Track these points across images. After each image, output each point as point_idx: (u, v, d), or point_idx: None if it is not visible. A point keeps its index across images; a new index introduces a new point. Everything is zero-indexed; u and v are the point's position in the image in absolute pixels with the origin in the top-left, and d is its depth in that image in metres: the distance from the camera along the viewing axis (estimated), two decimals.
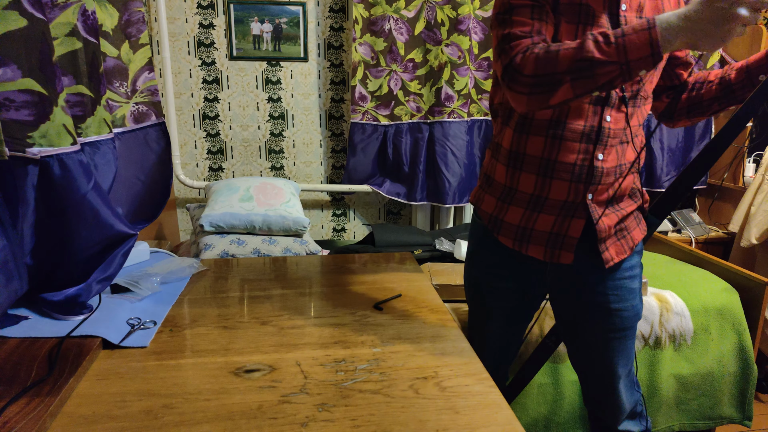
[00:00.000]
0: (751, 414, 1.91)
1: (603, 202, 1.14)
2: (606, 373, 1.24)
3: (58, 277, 1.17)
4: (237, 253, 1.94)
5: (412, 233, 2.18)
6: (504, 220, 1.19)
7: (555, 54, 0.93)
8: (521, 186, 1.15)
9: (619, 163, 1.12)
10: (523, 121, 1.12)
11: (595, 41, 0.91)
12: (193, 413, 0.84)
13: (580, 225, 1.13)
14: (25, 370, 0.92)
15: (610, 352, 1.22)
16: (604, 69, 0.91)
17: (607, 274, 1.17)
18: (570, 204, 1.12)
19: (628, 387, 1.28)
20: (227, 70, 2.65)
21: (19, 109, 0.98)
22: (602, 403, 1.29)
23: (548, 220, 1.14)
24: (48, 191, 1.06)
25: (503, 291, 1.27)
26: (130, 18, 1.39)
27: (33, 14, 0.98)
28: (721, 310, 1.85)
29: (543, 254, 1.17)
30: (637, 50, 0.89)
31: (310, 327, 1.15)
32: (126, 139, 1.41)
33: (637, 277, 1.21)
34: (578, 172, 1.10)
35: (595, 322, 1.21)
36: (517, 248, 1.19)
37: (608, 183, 1.12)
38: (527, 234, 1.17)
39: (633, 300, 1.20)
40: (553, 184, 1.11)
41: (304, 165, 2.83)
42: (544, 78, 0.94)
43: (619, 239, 1.16)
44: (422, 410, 0.86)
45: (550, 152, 1.10)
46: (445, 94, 2.59)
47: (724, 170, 2.86)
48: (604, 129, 1.08)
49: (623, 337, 1.21)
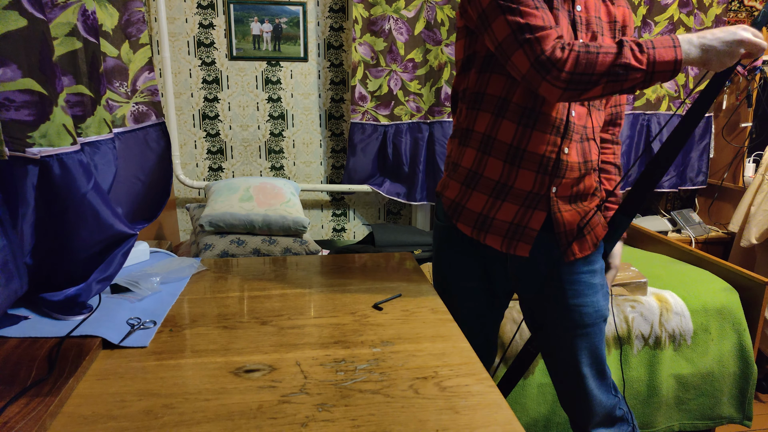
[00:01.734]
0: (751, 414, 1.91)
1: (566, 197, 1.16)
2: (573, 373, 1.24)
3: (58, 277, 1.17)
4: (237, 253, 1.94)
5: (412, 233, 2.18)
6: (466, 206, 1.21)
7: (595, 56, 0.98)
8: (487, 171, 1.16)
9: (585, 160, 1.16)
10: (500, 104, 1.13)
11: (630, 48, 0.97)
12: (193, 413, 0.84)
13: (541, 217, 1.15)
14: (24, 370, 0.92)
15: (574, 350, 1.22)
16: (634, 75, 0.98)
17: (566, 268, 1.19)
18: (534, 195, 1.14)
19: (600, 389, 1.26)
20: (227, 70, 2.65)
21: (19, 109, 0.98)
22: (573, 404, 1.29)
23: (511, 209, 1.16)
24: (48, 191, 1.06)
25: (471, 290, 1.29)
26: (130, 18, 1.39)
27: (33, 14, 0.98)
28: (721, 310, 1.85)
29: (500, 244, 1.18)
30: (664, 64, 0.97)
31: (310, 327, 1.15)
32: (126, 139, 1.41)
33: (598, 274, 1.22)
34: (545, 164, 1.12)
35: (555, 319, 1.22)
36: (475, 236, 1.21)
37: (573, 178, 1.15)
38: (487, 223, 1.18)
39: (593, 296, 1.20)
40: (519, 173, 1.13)
41: (304, 165, 2.83)
42: (583, 77, 0.99)
43: (584, 235, 1.18)
44: (422, 410, 0.86)
45: (521, 140, 1.12)
46: (445, 94, 2.59)
47: (724, 170, 2.86)
48: (571, 123, 1.12)
49: (586, 335, 1.21)
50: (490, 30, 1.05)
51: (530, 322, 1.30)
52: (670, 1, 2.71)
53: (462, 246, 1.26)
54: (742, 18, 2.91)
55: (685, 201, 3.14)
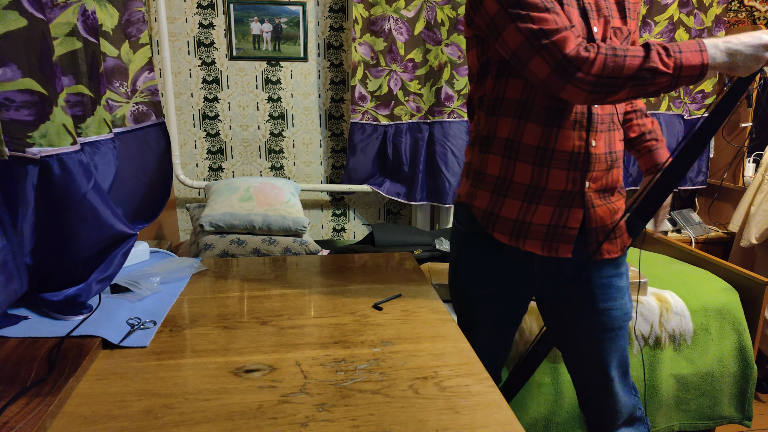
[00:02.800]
0: (750, 414, 1.91)
1: (598, 191, 1.15)
2: (599, 376, 1.23)
3: (58, 277, 1.17)
4: (237, 253, 1.94)
5: (412, 233, 2.18)
6: (499, 215, 1.18)
7: (623, 60, 0.97)
8: (517, 177, 1.14)
9: (610, 150, 1.15)
10: (522, 107, 1.11)
11: (657, 53, 0.97)
12: (193, 413, 0.84)
13: (578, 215, 1.14)
14: (25, 370, 0.92)
15: (602, 353, 1.21)
16: (660, 79, 0.97)
17: (595, 272, 1.18)
18: (568, 193, 1.13)
19: (624, 390, 1.26)
20: (227, 70, 2.65)
21: (19, 109, 0.98)
22: (598, 407, 1.28)
23: (546, 212, 1.14)
24: (48, 191, 1.06)
25: (491, 297, 1.26)
26: (130, 18, 1.39)
27: (33, 14, 0.98)
28: (721, 310, 1.85)
29: (541, 248, 1.16)
30: (690, 68, 0.97)
31: (310, 327, 1.15)
32: (126, 139, 1.41)
33: (624, 276, 1.22)
34: (575, 160, 1.11)
35: (584, 322, 1.21)
36: (513, 244, 1.18)
37: (602, 170, 1.14)
38: (524, 228, 1.16)
39: (621, 299, 1.20)
40: (550, 173, 1.12)
41: (303, 165, 2.83)
42: (610, 80, 0.98)
43: (615, 237, 1.17)
44: (422, 410, 0.86)
45: (548, 141, 1.10)
46: (445, 94, 2.59)
47: (724, 170, 2.86)
48: (594, 115, 1.11)
49: (614, 338, 1.21)
50: (502, 39, 1.04)
51: (552, 326, 1.28)
52: (670, 1, 2.71)
53: (486, 252, 1.23)
54: (742, 18, 2.91)
55: (685, 201, 3.14)
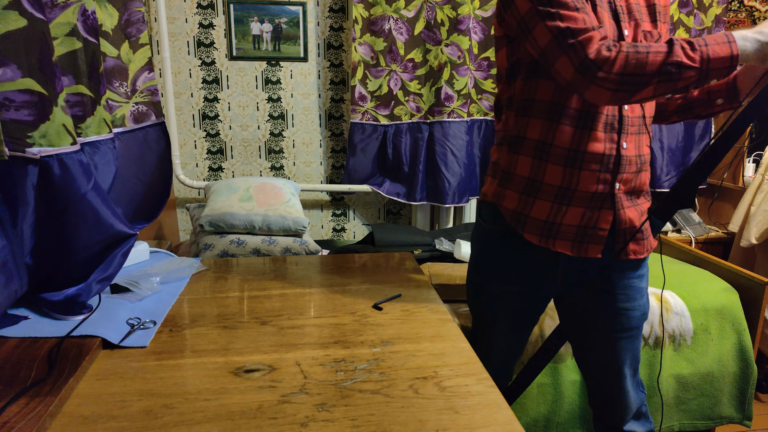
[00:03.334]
0: (750, 414, 1.91)
1: (627, 193, 1.16)
2: (613, 373, 1.25)
3: (58, 277, 1.17)
4: (237, 253, 1.94)
5: (412, 233, 2.18)
6: (529, 215, 1.17)
7: (645, 56, 0.96)
8: (547, 178, 1.13)
9: (639, 153, 1.15)
10: (554, 110, 1.11)
11: (681, 47, 0.96)
12: (193, 413, 0.84)
13: (608, 216, 1.13)
14: (24, 370, 0.92)
15: (618, 351, 1.23)
16: (687, 74, 0.96)
17: (618, 273, 1.18)
18: (599, 195, 1.12)
19: (634, 387, 1.28)
20: (227, 70, 2.65)
21: (19, 109, 0.98)
22: (609, 403, 1.29)
23: (577, 213, 1.13)
24: (48, 191, 1.06)
25: (510, 295, 1.25)
26: (130, 18, 1.39)
27: (33, 14, 0.98)
28: (721, 310, 1.85)
29: (571, 249, 1.16)
30: (719, 60, 0.95)
31: (310, 327, 1.15)
32: (126, 139, 1.41)
33: (645, 277, 1.23)
34: (606, 162, 1.11)
35: (602, 321, 1.22)
36: (543, 244, 1.17)
37: (632, 172, 1.14)
38: (554, 229, 1.15)
39: (641, 299, 1.21)
40: (581, 175, 1.11)
41: (303, 165, 2.83)
42: (634, 78, 0.97)
43: (642, 238, 1.18)
44: (422, 410, 0.86)
45: (579, 143, 1.10)
46: (445, 94, 2.59)
47: (723, 170, 2.86)
48: (625, 117, 1.11)
49: (630, 337, 1.22)
50: (532, 37, 1.03)
51: (569, 323, 1.28)
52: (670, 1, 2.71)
53: (512, 249, 1.22)
54: (742, 18, 2.91)
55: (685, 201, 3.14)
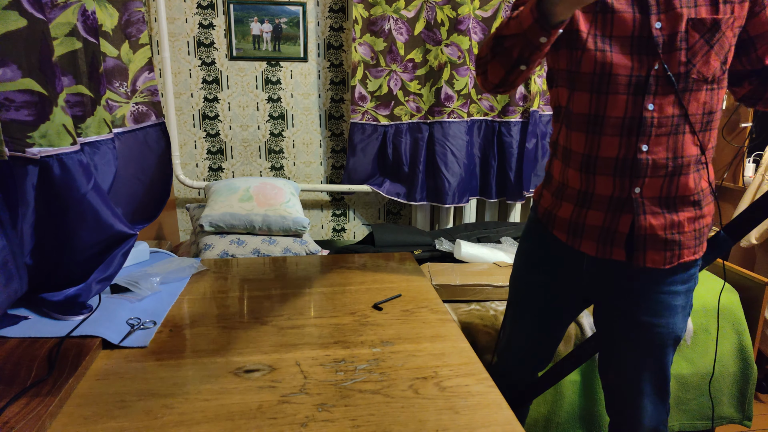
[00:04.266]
0: (750, 414, 1.91)
1: (655, 199, 1.07)
2: (631, 387, 1.19)
3: (58, 277, 1.17)
4: (237, 253, 1.94)
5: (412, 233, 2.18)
6: (557, 215, 1.18)
7: (487, 36, 0.99)
8: (570, 182, 1.13)
9: (674, 156, 1.04)
10: (566, 116, 1.10)
11: (507, 18, 0.99)
12: (193, 413, 0.84)
13: (628, 220, 1.08)
14: (25, 370, 0.92)
15: (639, 366, 1.16)
16: (511, 42, 0.99)
17: (645, 284, 1.12)
18: (616, 199, 1.08)
19: (654, 405, 1.20)
20: (227, 70, 2.65)
21: (19, 109, 0.98)
22: (622, 415, 1.24)
23: (598, 216, 1.11)
24: (48, 191, 1.06)
25: (535, 284, 1.26)
26: (130, 18, 1.39)
27: (33, 14, 0.98)
28: (721, 310, 1.85)
29: (595, 250, 1.13)
30: (526, 18, 0.94)
31: (310, 327, 1.15)
32: (126, 139, 1.41)
33: (681, 295, 1.13)
34: (621, 167, 1.05)
35: (624, 331, 1.16)
36: (570, 243, 1.16)
37: (660, 176, 1.05)
38: (579, 229, 1.14)
39: (670, 317, 1.12)
40: (597, 179, 1.08)
41: (303, 165, 2.83)
42: (481, 60, 1.06)
43: (665, 248, 1.08)
44: (422, 410, 0.86)
45: (591, 148, 1.07)
46: (445, 94, 2.59)
47: (724, 170, 2.86)
48: (646, 119, 1.01)
49: (654, 354, 1.15)
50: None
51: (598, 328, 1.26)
52: None
53: (543, 242, 1.23)
54: None
55: None
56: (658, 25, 0.99)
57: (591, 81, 1.03)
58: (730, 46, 1.01)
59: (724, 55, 1.02)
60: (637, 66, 1.00)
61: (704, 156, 1.06)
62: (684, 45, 0.98)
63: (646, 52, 0.99)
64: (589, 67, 1.03)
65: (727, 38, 1.00)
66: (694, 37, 0.98)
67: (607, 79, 1.02)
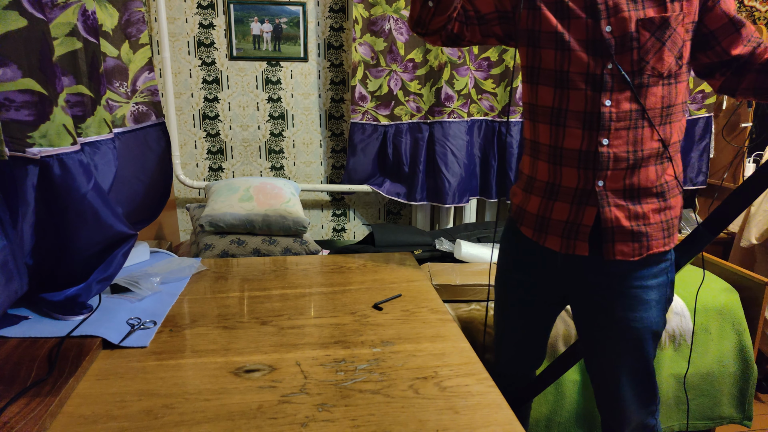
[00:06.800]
0: (751, 414, 1.91)
1: (618, 191, 1.10)
2: (611, 380, 1.22)
3: (58, 277, 1.17)
4: (237, 253, 1.94)
5: (412, 233, 2.18)
6: (526, 210, 1.22)
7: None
8: (539, 174, 1.18)
9: (634, 149, 1.08)
10: (531, 110, 1.16)
11: None
12: (193, 413, 0.84)
13: (592, 213, 1.11)
14: (25, 370, 0.92)
15: (617, 360, 1.19)
16: None
17: (617, 278, 1.14)
18: (581, 191, 1.12)
19: (639, 399, 1.22)
20: (227, 70, 2.65)
21: (19, 109, 0.98)
22: (608, 409, 1.27)
23: (563, 208, 1.15)
24: (48, 191, 1.06)
25: (517, 282, 1.29)
26: (130, 18, 1.39)
27: (33, 14, 0.98)
28: (721, 310, 1.85)
29: (559, 245, 1.16)
30: None
31: (310, 327, 1.15)
32: (126, 139, 1.41)
33: (654, 289, 1.15)
34: (584, 159, 1.10)
35: (600, 326, 1.19)
36: (535, 239, 1.20)
37: (621, 169, 1.08)
38: (545, 224, 1.18)
39: (644, 312, 1.14)
40: (563, 171, 1.13)
41: (304, 165, 2.83)
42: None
43: (633, 240, 1.11)
44: (422, 410, 0.86)
45: (556, 139, 1.12)
46: (445, 94, 2.59)
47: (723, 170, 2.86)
48: (604, 114, 1.06)
49: (632, 348, 1.17)
50: None
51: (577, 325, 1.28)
52: None
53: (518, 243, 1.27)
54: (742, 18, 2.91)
55: (685, 201, 3.14)
56: (608, 29, 1.05)
57: (553, 77, 1.10)
58: (684, 41, 1.07)
59: (678, 50, 1.06)
60: (592, 65, 1.06)
61: (667, 150, 1.10)
62: (636, 44, 1.03)
63: (600, 53, 1.05)
64: (550, 64, 1.09)
65: (679, 34, 1.05)
66: (645, 36, 1.04)
67: (567, 76, 1.08)
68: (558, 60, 1.08)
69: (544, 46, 1.10)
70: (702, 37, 1.10)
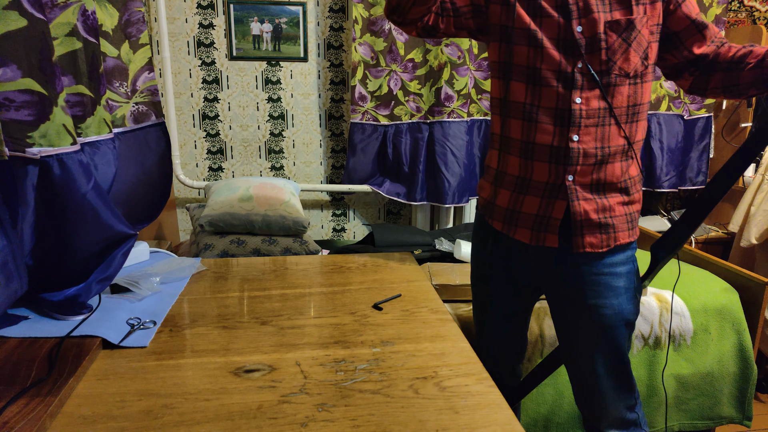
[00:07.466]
0: (750, 414, 1.91)
1: (586, 186, 1.14)
2: (587, 372, 1.23)
3: (58, 277, 1.17)
4: (237, 253, 1.94)
5: (412, 233, 2.18)
6: (495, 203, 1.24)
7: None
8: (509, 169, 1.20)
9: (602, 146, 1.12)
10: (502, 105, 1.18)
11: None
12: (193, 413, 0.84)
13: (562, 206, 1.15)
14: (24, 370, 0.92)
15: (591, 350, 1.21)
16: None
17: (586, 268, 1.18)
18: (552, 185, 1.15)
19: (615, 391, 1.23)
20: (227, 70, 2.65)
21: (19, 109, 0.98)
22: (586, 404, 1.28)
23: (534, 202, 1.17)
24: (48, 191, 1.06)
25: (495, 278, 1.31)
26: (130, 18, 1.39)
27: (33, 14, 0.98)
28: (721, 310, 1.85)
29: (529, 238, 1.19)
30: None
31: (310, 327, 1.15)
32: (126, 139, 1.41)
33: (622, 277, 1.19)
34: (555, 154, 1.13)
35: (573, 317, 1.22)
36: (505, 231, 1.23)
37: (589, 164, 1.13)
38: (515, 217, 1.20)
39: (614, 299, 1.18)
40: (534, 165, 1.15)
41: (303, 165, 2.83)
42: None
43: (600, 232, 1.15)
44: (422, 410, 0.86)
45: (528, 134, 1.14)
46: (445, 94, 2.59)
47: None
48: (575, 111, 1.10)
49: (604, 336, 1.19)
50: None
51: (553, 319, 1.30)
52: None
53: (491, 238, 1.29)
54: (742, 18, 2.91)
55: (685, 201, 3.14)
56: (579, 29, 1.08)
57: (526, 74, 1.12)
58: (649, 42, 1.11)
59: (644, 51, 1.11)
60: (564, 63, 1.09)
61: (632, 148, 1.15)
62: (604, 45, 1.08)
63: (571, 52, 1.09)
64: (522, 60, 1.12)
65: (644, 36, 1.09)
66: (612, 37, 1.08)
67: (539, 73, 1.11)
68: (531, 57, 1.11)
69: (517, 42, 1.12)
70: (667, 38, 1.15)
